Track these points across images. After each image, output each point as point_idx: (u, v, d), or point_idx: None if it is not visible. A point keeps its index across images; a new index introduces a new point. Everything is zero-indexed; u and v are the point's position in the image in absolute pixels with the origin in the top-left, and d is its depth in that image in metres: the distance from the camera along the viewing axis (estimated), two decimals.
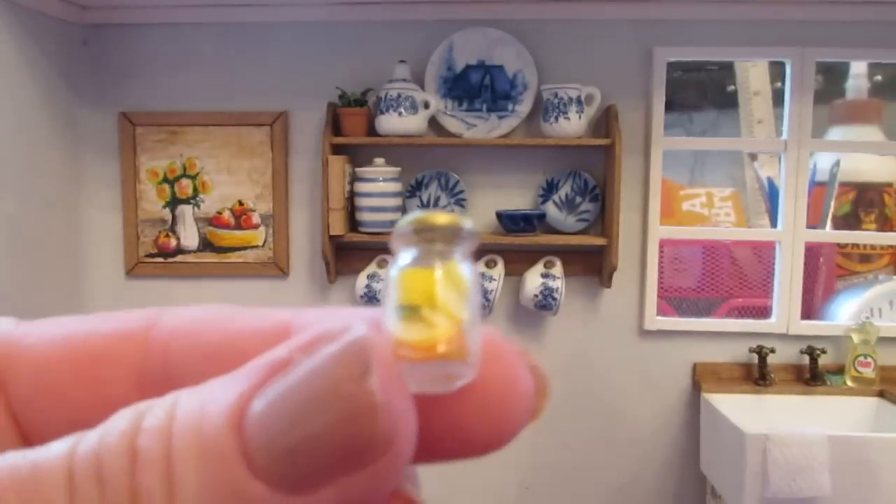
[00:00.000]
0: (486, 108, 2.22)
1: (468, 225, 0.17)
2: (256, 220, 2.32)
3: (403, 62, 2.15)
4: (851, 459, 1.82)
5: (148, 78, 2.30)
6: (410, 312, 0.16)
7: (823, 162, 2.45)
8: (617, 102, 2.17)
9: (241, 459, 0.14)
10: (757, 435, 1.83)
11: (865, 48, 2.21)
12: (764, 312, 2.38)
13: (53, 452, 0.15)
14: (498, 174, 2.28)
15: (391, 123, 2.12)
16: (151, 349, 0.19)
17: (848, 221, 2.48)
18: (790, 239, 2.25)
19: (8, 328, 0.19)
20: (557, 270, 2.19)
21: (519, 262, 2.24)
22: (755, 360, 2.25)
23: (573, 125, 2.11)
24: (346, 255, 2.29)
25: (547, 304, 2.16)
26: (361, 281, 2.20)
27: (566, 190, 2.25)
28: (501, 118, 2.22)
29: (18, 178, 2.04)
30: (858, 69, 2.50)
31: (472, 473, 2.36)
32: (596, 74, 2.20)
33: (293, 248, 2.33)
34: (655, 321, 2.30)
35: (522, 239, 2.16)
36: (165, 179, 2.32)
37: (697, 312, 2.56)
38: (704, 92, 2.81)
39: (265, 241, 2.32)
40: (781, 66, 2.27)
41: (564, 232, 2.25)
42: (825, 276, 2.50)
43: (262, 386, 0.15)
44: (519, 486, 2.39)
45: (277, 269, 2.32)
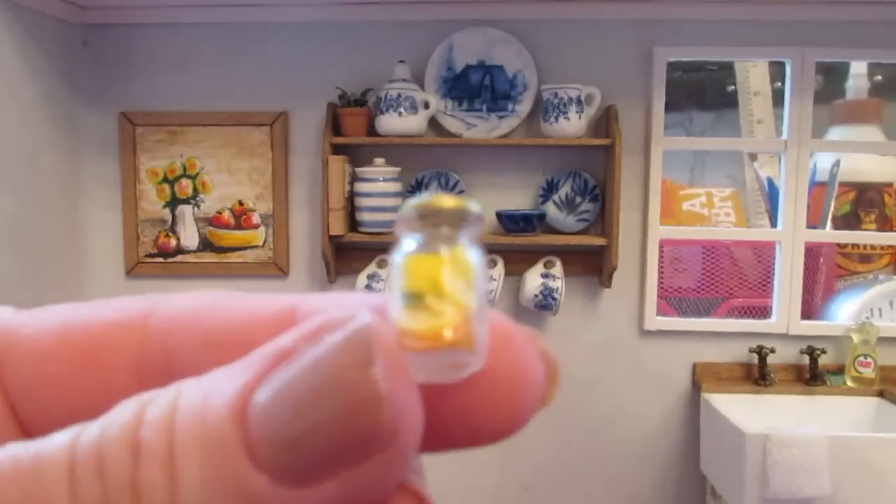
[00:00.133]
0: (486, 108, 2.22)
1: (475, 208, 0.17)
2: (256, 220, 2.31)
3: (403, 62, 2.15)
4: (851, 459, 1.82)
5: (148, 78, 2.29)
6: (415, 300, 0.15)
7: (823, 162, 2.45)
8: (617, 102, 2.17)
9: (243, 451, 0.14)
10: (757, 435, 1.83)
11: (865, 48, 2.21)
12: (764, 312, 2.38)
13: (55, 444, 0.14)
14: (498, 174, 2.28)
15: (391, 123, 2.12)
16: (151, 337, 0.18)
17: (848, 221, 2.48)
18: (790, 239, 2.25)
19: (5, 317, 0.19)
20: (557, 270, 2.19)
21: (519, 262, 2.24)
22: (755, 360, 2.24)
23: (573, 125, 2.10)
24: (346, 255, 2.29)
25: (547, 304, 2.16)
26: (361, 281, 2.20)
27: (566, 190, 2.25)
28: (501, 118, 2.22)
29: (18, 177, 2.04)
30: (858, 69, 2.49)
31: (472, 473, 2.36)
32: (596, 74, 2.20)
33: (293, 248, 2.33)
34: (655, 321, 2.29)
35: (522, 239, 2.16)
36: (165, 179, 2.32)
37: (697, 312, 2.56)
38: (704, 92, 2.81)
39: (265, 241, 2.32)
40: (781, 66, 2.27)
41: (564, 232, 2.25)
42: (825, 276, 2.50)
43: (265, 376, 0.15)
44: (519, 486, 2.38)
45: (277, 269, 2.32)
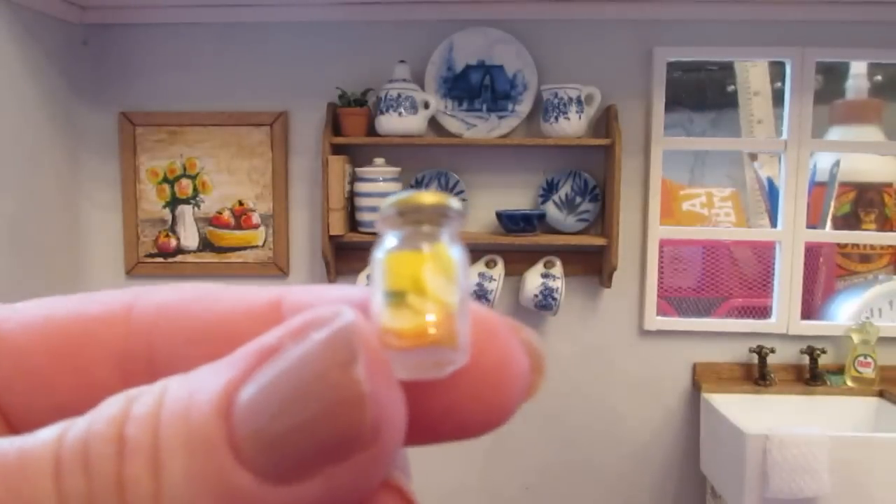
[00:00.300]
0: (486, 108, 2.22)
1: (456, 204, 0.16)
2: (256, 220, 2.32)
3: (403, 62, 2.15)
4: (851, 459, 1.82)
5: (148, 78, 2.30)
6: (397, 298, 0.15)
7: (823, 162, 2.45)
8: (617, 102, 2.17)
9: (228, 449, 0.14)
10: (757, 435, 1.83)
11: (865, 48, 2.21)
12: (764, 312, 2.38)
13: (41, 439, 0.14)
14: (498, 174, 2.28)
15: (391, 123, 2.12)
16: (134, 330, 0.18)
17: (848, 221, 2.48)
18: (790, 239, 2.25)
19: None
20: (557, 270, 2.19)
21: (519, 262, 2.24)
22: (755, 360, 2.24)
23: (573, 125, 2.10)
24: (345, 255, 2.29)
25: (547, 304, 2.16)
26: (361, 281, 2.20)
27: (566, 190, 2.25)
28: (501, 118, 2.22)
29: (18, 178, 2.04)
30: (858, 69, 2.49)
31: (472, 473, 2.36)
32: (596, 74, 2.20)
33: (293, 248, 2.33)
34: (655, 321, 2.29)
35: (522, 239, 2.16)
36: (165, 179, 2.32)
37: (697, 312, 2.56)
38: (704, 92, 2.81)
39: (265, 241, 2.32)
40: (781, 66, 2.27)
41: (564, 232, 2.25)
42: (825, 276, 2.50)
43: (251, 373, 0.15)
44: (519, 486, 2.38)
45: (277, 269, 2.32)
